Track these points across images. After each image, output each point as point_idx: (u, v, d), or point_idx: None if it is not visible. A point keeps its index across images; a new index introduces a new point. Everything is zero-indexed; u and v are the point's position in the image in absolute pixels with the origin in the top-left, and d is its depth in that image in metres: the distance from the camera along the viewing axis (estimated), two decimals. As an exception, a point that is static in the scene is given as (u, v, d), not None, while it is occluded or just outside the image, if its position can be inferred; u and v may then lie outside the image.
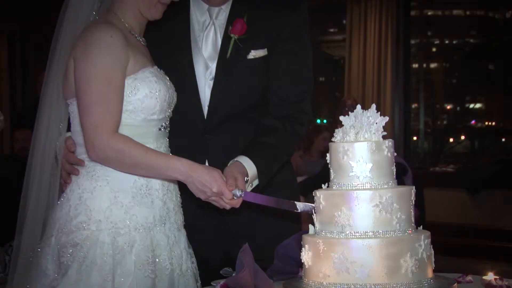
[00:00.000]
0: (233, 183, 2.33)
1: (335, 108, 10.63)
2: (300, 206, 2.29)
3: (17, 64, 12.39)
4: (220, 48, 2.69)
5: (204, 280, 2.49)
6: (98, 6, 2.48)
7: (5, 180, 6.14)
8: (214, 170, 2.34)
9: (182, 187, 2.48)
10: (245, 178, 2.44)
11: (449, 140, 10.22)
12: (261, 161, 2.53)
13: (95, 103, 2.29)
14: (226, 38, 2.68)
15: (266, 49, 2.69)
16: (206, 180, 2.29)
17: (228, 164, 2.48)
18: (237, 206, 2.36)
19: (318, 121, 10.44)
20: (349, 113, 2.04)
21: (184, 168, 2.31)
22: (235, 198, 2.33)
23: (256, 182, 2.53)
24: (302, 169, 7.69)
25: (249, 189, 2.47)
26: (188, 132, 2.64)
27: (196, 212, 2.58)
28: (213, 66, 2.69)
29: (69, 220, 2.34)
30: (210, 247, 2.67)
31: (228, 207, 2.35)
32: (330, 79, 11.14)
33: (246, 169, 2.47)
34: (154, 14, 2.47)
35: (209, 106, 2.69)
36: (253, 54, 2.68)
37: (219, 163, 2.46)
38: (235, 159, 2.50)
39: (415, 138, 9.87)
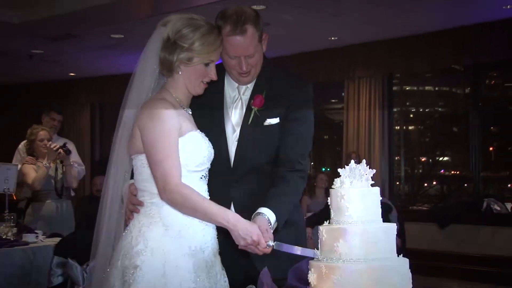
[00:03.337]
0: (266, 236, 2.30)
1: (336, 159, 10.64)
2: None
3: (96, 125, 12.55)
4: (244, 116, 2.69)
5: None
6: (155, 85, 2.50)
7: (85, 216, 6.16)
8: (254, 223, 2.32)
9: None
10: (269, 224, 2.40)
11: (424, 184, 10.13)
12: (278, 209, 2.48)
13: (163, 159, 2.29)
14: (248, 109, 2.69)
15: (278, 118, 2.68)
16: (248, 230, 2.26)
17: (254, 215, 2.43)
18: (268, 253, 2.31)
19: (323, 169, 10.41)
20: (345, 166, 2.03)
21: (232, 218, 2.28)
22: (267, 247, 2.29)
23: (275, 225, 2.48)
24: (310, 207, 7.68)
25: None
26: (219, 180, 2.60)
27: (226, 242, 2.55)
28: (238, 130, 2.69)
29: (131, 248, 2.32)
30: (238, 269, 2.63)
31: (260, 253, 2.30)
32: (332, 137, 11.13)
33: (270, 219, 2.43)
34: (198, 91, 2.49)
35: (234, 161, 2.68)
36: (268, 121, 2.67)
37: (242, 205, 2.43)
38: (259, 211, 2.45)
39: (397, 183, 9.80)
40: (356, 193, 1.94)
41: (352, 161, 2.03)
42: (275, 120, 2.68)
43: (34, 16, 7.57)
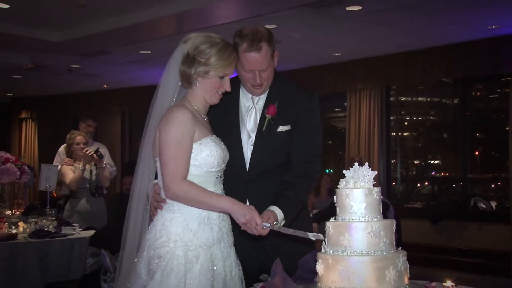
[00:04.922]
0: (265, 219, 2.31)
1: (339, 162, 10.61)
2: (310, 235, 2.20)
3: (126, 131, 12.60)
4: (258, 124, 2.67)
5: (247, 283, 2.41)
6: (177, 95, 2.48)
7: (116, 211, 6.16)
8: (249, 205, 2.31)
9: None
10: (275, 222, 2.39)
11: (417, 185, 10.08)
12: (286, 209, 2.47)
13: (170, 160, 2.27)
14: (262, 117, 2.67)
15: (289, 125, 2.66)
16: (244, 210, 2.25)
17: (265, 211, 2.43)
18: (264, 234, 2.29)
19: (327, 170, 10.38)
20: (350, 168, 2.00)
21: (230, 202, 2.27)
22: (264, 228, 2.26)
23: (283, 222, 2.47)
24: (315, 205, 7.63)
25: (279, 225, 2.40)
26: (235, 181, 2.59)
27: (241, 235, 2.52)
28: (253, 136, 2.67)
29: (155, 240, 2.30)
30: (251, 260, 2.60)
31: (257, 233, 2.28)
32: (335, 143, 11.09)
33: (277, 215, 2.43)
34: (214, 100, 2.46)
35: (250, 164, 2.66)
36: (281, 128, 2.65)
37: (256, 203, 2.40)
38: (269, 208, 2.45)
39: (394, 183, 9.76)
40: (359, 192, 1.91)
41: (356, 164, 2.00)
42: (287, 127, 2.66)
43: (73, 35, 7.65)
